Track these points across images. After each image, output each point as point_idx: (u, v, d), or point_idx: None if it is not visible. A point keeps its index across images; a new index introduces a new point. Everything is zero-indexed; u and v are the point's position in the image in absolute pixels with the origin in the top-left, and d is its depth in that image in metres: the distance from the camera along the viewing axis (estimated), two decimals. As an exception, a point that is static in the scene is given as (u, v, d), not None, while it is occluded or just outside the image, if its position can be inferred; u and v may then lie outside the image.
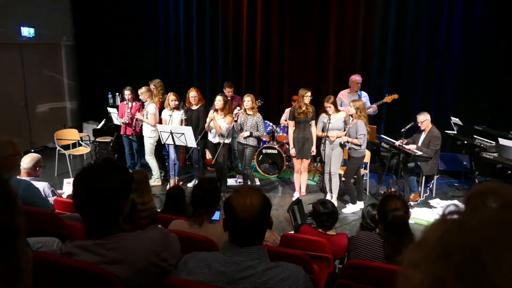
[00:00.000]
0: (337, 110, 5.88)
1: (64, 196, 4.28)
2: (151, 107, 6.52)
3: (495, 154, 5.99)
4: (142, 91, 6.63)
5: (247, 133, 6.01)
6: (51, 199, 3.74)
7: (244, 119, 6.06)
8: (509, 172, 5.83)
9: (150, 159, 6.76)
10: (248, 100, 6.01)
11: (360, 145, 5.61)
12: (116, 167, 1.72)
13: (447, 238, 0.54)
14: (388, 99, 6.92)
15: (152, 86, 6.91)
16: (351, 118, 5.80)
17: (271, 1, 8.46)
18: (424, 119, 5.97)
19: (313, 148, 6.03)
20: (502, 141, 5.88)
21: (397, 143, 6.05)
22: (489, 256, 0.50)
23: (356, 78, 6.95)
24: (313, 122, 5.98)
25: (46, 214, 3.09)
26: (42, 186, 3.74)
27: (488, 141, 6.29)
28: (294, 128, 6.01)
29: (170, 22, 9.31)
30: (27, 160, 3.79)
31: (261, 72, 8.77)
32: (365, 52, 7.95)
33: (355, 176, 6.03)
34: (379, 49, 7.85)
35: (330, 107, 5.77)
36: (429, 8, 7.39)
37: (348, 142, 5.66)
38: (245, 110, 6.06)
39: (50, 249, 2.65)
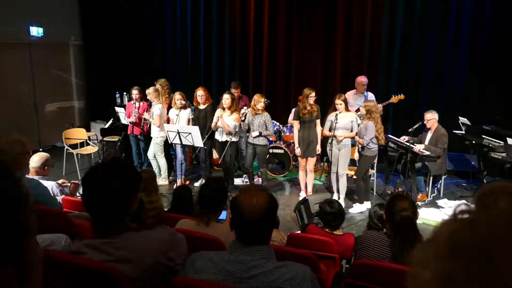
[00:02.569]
0: (347, 110, 5.86)
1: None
2: (156, 108, 6.53)
3: (504, 154, 5.94)
4: (149, 91, 6.64)
5: (256, 133, 5.98)
6: (59, 198, 3.76)
7: (252, 118, 6.05)
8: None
9: (160, 158, 6.78)
10: (263, 102, 6.00)
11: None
12: (124, 166, 1.73)
13: (458, 236, 0.54)
14: (394, 99, 6.87)
15: (158, 86, 6.93)
16: (360, 119, 5.78)
17: (278, 1, 8.45)
18: (431, 118, 5.92)
19: (318, 147, 6.02)
20: (510, 141, 5.84)
21: (401, 139, 6.02)
22: (500, 253, 0.50)
23: (362, 79, 6.90)
24: (318, 121, 5.98)
25: (54, 213, 3.11)
26: (50, 185, 3.76)
27: (497, 141, 6.24)
28: (299, 127, 6.01)
29: (178, 21, 9.34)
30: (36, 159, 3.81)
31: (268, 71, 8.76)
32: (373, 51, 7.90)
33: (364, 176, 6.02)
34: (387, 49, 7.79)
35: (340, 104, 5.74)
36: (437, 7, 7.33)
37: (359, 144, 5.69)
38: (253, 108, 6.03)
39: (59, 246, 2.67)
